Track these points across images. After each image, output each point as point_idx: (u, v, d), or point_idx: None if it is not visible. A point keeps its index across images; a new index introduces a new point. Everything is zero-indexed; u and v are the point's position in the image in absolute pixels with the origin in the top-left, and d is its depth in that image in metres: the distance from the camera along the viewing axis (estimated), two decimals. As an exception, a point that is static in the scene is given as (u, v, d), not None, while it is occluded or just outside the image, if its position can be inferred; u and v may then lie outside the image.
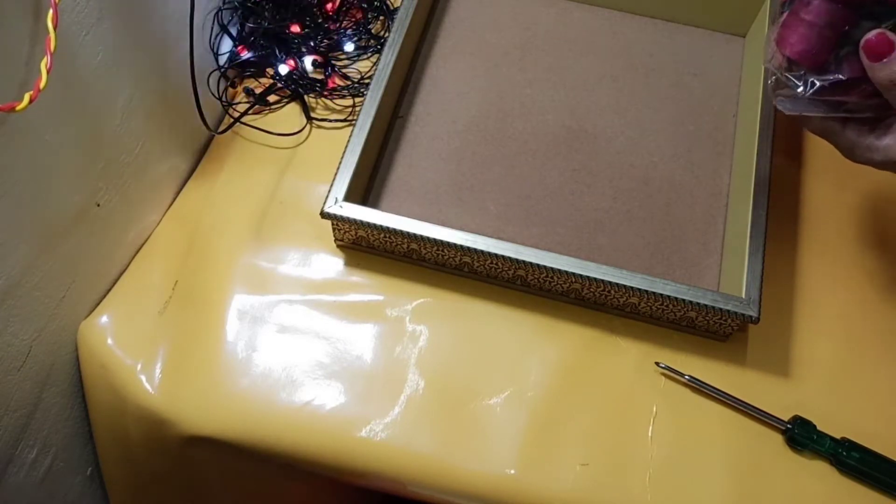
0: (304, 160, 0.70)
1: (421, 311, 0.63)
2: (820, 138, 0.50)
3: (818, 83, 0.46)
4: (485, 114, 0.71)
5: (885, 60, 0.43)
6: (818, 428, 0.57)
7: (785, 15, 0.47)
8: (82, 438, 0.67)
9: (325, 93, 0.73)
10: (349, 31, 0.76)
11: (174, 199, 0.69)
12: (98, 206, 0.59)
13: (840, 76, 0.45)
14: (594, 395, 0.59)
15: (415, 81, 0.73)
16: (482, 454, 0.57)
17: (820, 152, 0.71)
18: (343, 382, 0.60)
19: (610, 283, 0.57)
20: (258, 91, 0.73)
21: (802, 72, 0.46)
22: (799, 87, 0.46)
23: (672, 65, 0.74)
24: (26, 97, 0.45)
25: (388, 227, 0.59)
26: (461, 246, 0.58)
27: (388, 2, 0.78)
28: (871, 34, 0.44)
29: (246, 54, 0.73)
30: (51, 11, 0.45)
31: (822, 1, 0.45)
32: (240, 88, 0.74)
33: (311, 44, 0.73)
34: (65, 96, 0.52)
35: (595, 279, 0.57)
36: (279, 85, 0.73)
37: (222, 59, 0.72)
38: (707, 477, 0.56)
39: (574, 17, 0.77)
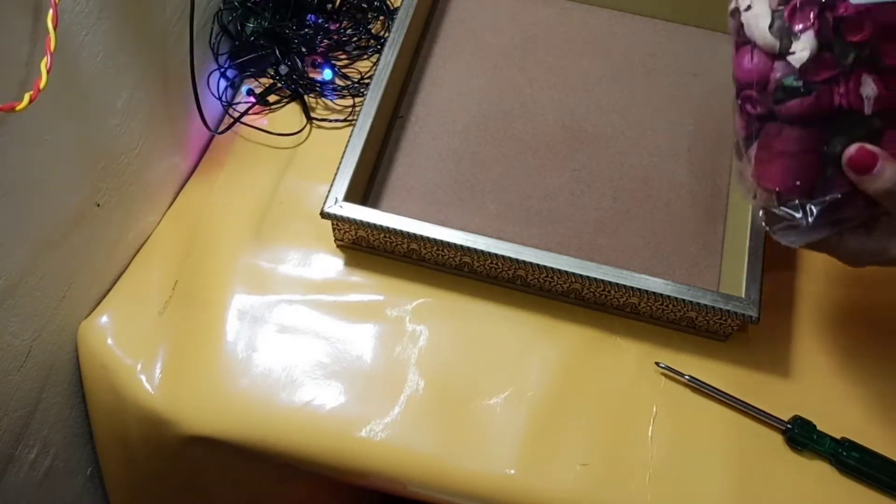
0: (304, 160, 0.70)
1: (421, 311, 0.62)
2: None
3: (816, 208, 0.43)
4: (485, 114, 0.71)
5: (873, 172, 0.41)
6: (818, 428, 0.57)
7: (754, 148, 0.44)
8: (82, 438, 0.67)
9: (325, 93, 0.73)
10: (349, 31, 0.76)
11: (174, 199, 0.69)
12: (98, 206, 0.59)
13: (836, 195, 0.43)
14: (594, 395, 0.59)
15: (415, 81, 0.73)
16: (482, 454, 0.57)
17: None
18: (343, 382, 0.60)
19: (610, 283, 0.57)
20: (258, 91, 0.73)
21: (795, 201, 0.44)
22: (799, 217, 0.43)
23: (672, 65, 0.74)
24: (26, 97, 0.45)
25: (388, 227, 0.59)
26: (461, 246, 0.58)
27: (388, 2, 0.78)
28: (851, 150, 0.42)
29: (246, 54, 0.73)
30: (51, 11, 0.45)
31: (793, 128, 0.42)
32: (240, 89, 0.74)
33: (311, 44, 0.74)
34: (65, 96, 0.52)
35: (595, 279, 0.57)
36: (279, 85, 0.73)
37: (222, 59, 0.72)
38: (707, 477, 0.56)
39: (574, 17, 0.77)
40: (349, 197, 0.60)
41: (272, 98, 0.73)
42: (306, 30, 0.74)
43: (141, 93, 0.60)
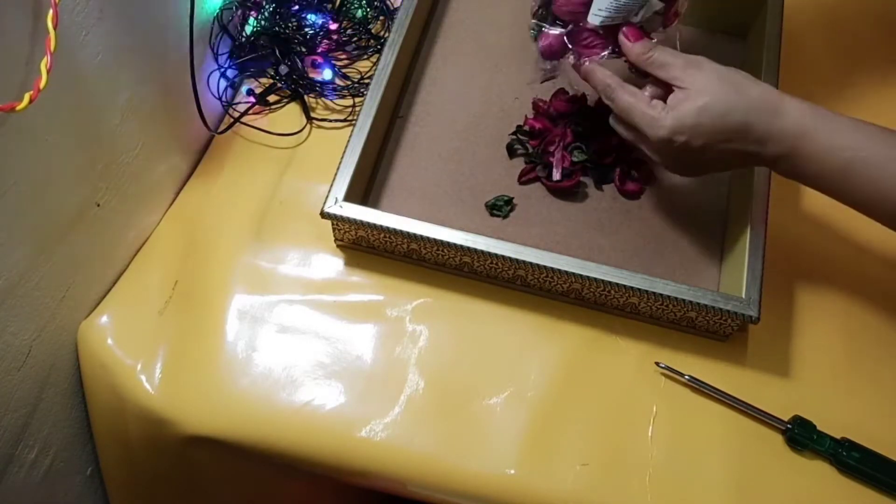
0: (304, 160, 0.70)
1: (421, 311, 0.62)
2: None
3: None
4: (485, 114, 0.71)
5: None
6: (818, 428, 0.57)
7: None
8: (82, 438, 0.67)
9: (325, 93, 0.73)
10: (349, 31, 0.76)
11: (174, 199, 0.69)
12: (98, 206, 0.59)
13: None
14: (594, 395, 0.59)
15: (415, 81, 0.73)
16: (482, 454, 0.57)
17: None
18: (343, 382, 0.60)
19: (610, 283, 0.57)
20: (258, 91, 0.73)
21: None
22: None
23: (672, 65, 0.74)
24: (26, 97, 0.45)
25: (388, 227, 0.59)
26: (461, 246, 0.58)
27: (388, 2, 0.78)
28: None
29: (246, 54, 0.73)
30: (51, 11, 0.46)
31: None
32: (240, 89, 0.74)
33: (311, 44, 0.74)
34: (65, 96, 0.52)
35: (595, 279, 0.57)
36: (279, 85, 0.73)
37: (222, 59, 0.72)
38: (707, 477, 0.56)
39: (574, 17, 0.77)
40: (349, 197, 0.60)
41: (272, 98, 0.73)
42: (306, 30, 0.74)
43: (141, 93, 0.60)
